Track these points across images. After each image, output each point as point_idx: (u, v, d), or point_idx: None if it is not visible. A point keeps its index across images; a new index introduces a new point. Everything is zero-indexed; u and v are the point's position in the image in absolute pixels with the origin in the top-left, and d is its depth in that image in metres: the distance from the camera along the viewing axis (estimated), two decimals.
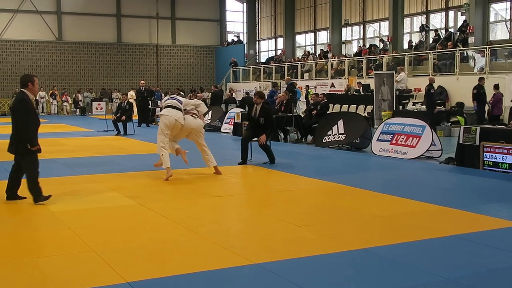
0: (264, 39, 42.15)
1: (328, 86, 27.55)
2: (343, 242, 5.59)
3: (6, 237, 5.83)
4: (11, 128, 7.68)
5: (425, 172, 10.60)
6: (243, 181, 9.63)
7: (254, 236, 5.97)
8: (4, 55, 35.65)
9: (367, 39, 32.67)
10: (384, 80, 21.20)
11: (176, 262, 4.99)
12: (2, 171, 10.43)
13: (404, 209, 7.26)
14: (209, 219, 6.76)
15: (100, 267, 4.84)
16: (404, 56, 24.59)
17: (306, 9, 37.16)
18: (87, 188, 8.75)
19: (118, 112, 19.16)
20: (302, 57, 34.51)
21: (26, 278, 4.59)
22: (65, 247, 5.47)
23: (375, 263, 4.96)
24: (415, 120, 12.82)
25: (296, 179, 9.77)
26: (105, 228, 6.23)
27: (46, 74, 36.25)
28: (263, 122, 11.15)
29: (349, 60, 28.54)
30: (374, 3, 31.92)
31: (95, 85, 37.82)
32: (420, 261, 4.99)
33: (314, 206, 7.60)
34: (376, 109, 21.17)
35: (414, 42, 28.05)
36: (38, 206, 7.31)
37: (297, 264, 4.93)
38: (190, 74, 41.27)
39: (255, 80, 34.84)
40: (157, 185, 9.09)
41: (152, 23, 39.69)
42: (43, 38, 36.60)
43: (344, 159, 12.52)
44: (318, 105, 16.18)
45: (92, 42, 37.92)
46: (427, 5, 28.63)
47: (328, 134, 14.48)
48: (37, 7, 36.00)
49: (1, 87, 35.77)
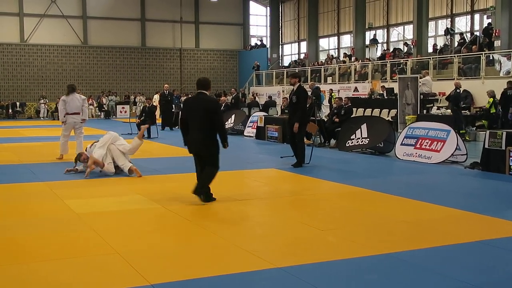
0: (287, 43, 42.15)
1: (352, 90, 27.45)
2: (366, 247, 5.56)
3: (33, 239, 5.92)
4: (196, 128, 7.68)
5: (450, 177, 10.50)
6: (266, 185, 9.63)
7: (277, 240, 5.97)
8: (30, 59, 36.19)
9: (391, 42, 32.47)
10: (408, 84, 21.03)
11: (199, 265, 5.01)
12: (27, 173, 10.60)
13: (428, 214, 7.19)
14: (232, 223, 6.78)
15: (124, 269, 4.89)
16: (429, 60, 24.38)
17: (329, 12, 37.08)
18: (111, 190, 8.84)
19: (142, 115, 19.30)
20: (326, 60, 34.42)
21: (52, 279, 4.66)
22: (90, 249, 5.54)
23: (398, 268, 4.93)
24: (440, 124, 12.71)
25: (319, 183, 9.75)
26: (129, 231, 6.28)
27: (71, 78, 36.69)
28: (295, 101, 11.18)
29: (373, 63, 28.40)
30: (398, 7, 31.73)
31: (119, 88, 38.19)
32: (444, 266, 4.95)
33: (337, 210, 7.57)
34: (400, 113, 21.01)
35: (438, 45, 27.80)
36: (63, 209, 7.41)
37: (320, 268, 4.92)
38: (213, 78, 41.35)
39: (278, 83, 34.83)
40: (181, 188, 9.13)
41: (176, 27, 39.96)
42: (69, 42, 37.08)
43: (368, 163, 12.46)
44: (341, 109, 16.12)
45: (116, 46, 38.31)
46: (452, 8, 28.37)
47: (351, 138, 14.42)
48: (63, 11, 36.50)
49: (28, 90, 36.30)
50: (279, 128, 17.03)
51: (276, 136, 17.15)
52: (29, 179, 9.95)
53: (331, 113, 17.29)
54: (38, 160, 12.43)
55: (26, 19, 35.78)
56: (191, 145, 7.81)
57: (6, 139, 18.53)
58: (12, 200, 8.10)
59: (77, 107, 12.61)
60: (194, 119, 7.73)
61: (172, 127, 23.41)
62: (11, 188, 9.10)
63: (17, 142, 17.31)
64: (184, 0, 39.85)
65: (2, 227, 6.43)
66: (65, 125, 12.61)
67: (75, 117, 12.61)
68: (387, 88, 23.76)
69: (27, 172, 10.78)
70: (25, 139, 18.59)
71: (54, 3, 36.29)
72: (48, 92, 35.60)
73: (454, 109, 17.39)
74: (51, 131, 21.43)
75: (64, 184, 9.37)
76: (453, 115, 17.19)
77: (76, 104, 12.61)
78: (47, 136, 19.49)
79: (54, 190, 8.70)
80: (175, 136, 20.05)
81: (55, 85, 36.10)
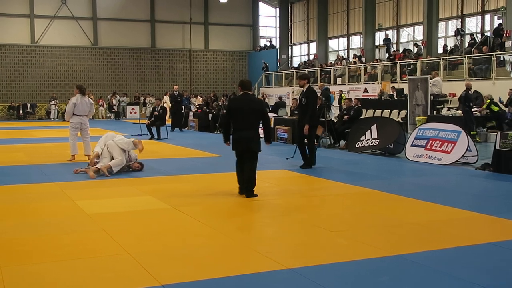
0: (297, 43, 42.14)
1: (361, 91, 27.39)
2: (377, 248, 5.55)
3: (44, 239, 5.95)
4: (247, 126, 8.19)
5: (461, 178, 10.45)
6: (276, 186, 9.63)
7: (288, 241, 5.96)
8: (41, 60, 36.39)
9: (401, 43, 32.38)
10: (418, 85, 20.97)
11: (210, 266, 5.02)
12: (38, 174, 10.66)
13: (439, 215, 7.17)
14: (242, 224, 6.78)
15: (135, 269, 4.90)
16: (439, 61, 24.29)
17: (339, 13, 37.04)
18: (121, 191, 8.88)
19: (152, 116, 19.37)
20: (335, 61, 34.38)
21: (61, 280, 4.68)
22: (101, 250, 5.56)
23: (409, 270, 4.92)
24: (450, 125, 12.66)
25: (329, 184, 9.74)
26: (139, 231, 6.30)
27: (81, 79, 36.85)
28: (304, 102, 11.18)
29: (383, 64, 28.33)
30: (408, 7, 31.64)
31: (129, 89, 38.32)
32: (455, 268, 4.93)
33: (347, 211, 7.56)
34: (410, 114, 20.95)
35: (449, 46, 27.69)
36: (74, 209, 7.45)
37: (330, 269, 4.91)
38: (222, 79, 41.49)
39: (287, 85, 34.83)
40: (191, 189, 9.16)
41: (185, 29, 40.06)
42: (79, 44, 37.27)
43: (378, 165, 12.43)
44: (351, 110, 16.09)
45: (126, 47, 38.46)
46: (462, 9, 28.26)
47: (361, 139, 14.39)
48: (73, 13, 36.68)
49: (38, 92, 36.50)
50: (288, 129, 17.03)
51: (285, 137, 17.14)
52: (40, 179, 10.01)
53: (340, 114, 17.27)
54: (49, 161, 12.50)
55: (37, 21, 35.99)
56: (241, 142, 8.24)
57: (17, 140, 18.64)
58: (23, 200, 8.15)
59: (84, 111, 12.75)
60: (245, 118, 8.20)
61: (181, 128, 23.48)
62: (23, 188, 9.16)
63: (28, 143, 17.41)
64: (193, 2, 39.94)
65: (14, 227, 6.47)
66: (71, 126, 12.68)
67: (82, 118, 12.73)
68: (397, 89, 23.71)
69: (38, 172, 10.84)
70: (36, 140, 18.69)
71: (64, 5, 36.48)
72: (59, 93, 35.80)
73: (465, 110, 17.31)
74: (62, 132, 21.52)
75: (75, 185, 9.42)
76: (464, 116, 17.12)
77: (85, 108, 12.74)
78: (58, 137, 19.59)
79: (65, 191, 8.74)
80: (185, 137, 20.12)
81: (66, 86, 36.27)
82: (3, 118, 34.47)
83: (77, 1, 36.85)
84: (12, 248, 5.62)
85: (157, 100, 21.27)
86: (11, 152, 14.45)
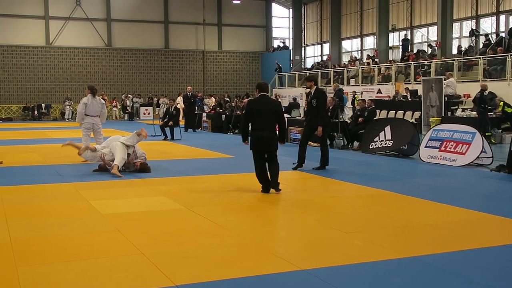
0: (310, 44, 42.09)
1: (375, 91, 27.30)
2: (391, 250, 5.53)
3: (58, 239, 6.00)
4: (266, 127, 8.58)
5: (475, 179, 10.38)
6: (290, 187, 9.63)
7: (301, 242, 5.96)
8: (56, 61, 36.67)
9: (415, 44, 32.22)
10: (433, 85, 20.86)
11: (224, 266, 5.03)
12: (53, 174, 10.74)
13: (453, 217, 7.13)
14: (255, 224, 6.79)
15: (149, 270, 4.93)
16: (453, 62, 24.15)
17: (352, 14, 36.95)
18: (135, 191, 8.92)
19: (165, 117, 19.44)
20: (348, 62, 34.30)
21: (76, 280, 4.71)
22: (115, 250, 5.59)
23: (423, 272, 4.89)
24: (465, 126, 12.58)
25: (342, 185, 9.72)
26: (154, 232, 6.33)
27: (95, 80, 37.10)
28: (315, 104, 11.13)
29: (397, 65, 28.22)
30: (422, 8, 31.49)
31: (143, 90, 38.51)
32: (468, 270, 4.91)
33: (361, 213, 7.54)
34: (424, 115, 20.84)
35: (463, 47, 27.52)
36: (89, 210, 7.50)
37: (344, 271, 4.91)
38: (235, 80, 41.55)
39: (300, 85, 34.77)
40: (204, 190, 9.18)
41: (198, 30, 40.17)
42: (93, 45, 37.51)
43: (391, 166, 12.38)
44: (365, 111, 16.04)
45: (140, 49, 38.64)
46: (477, 9, 28.08)
47: (375, 140, 14.35)
48: (88, 14, 36.93)
49: (53, 92, 36.79)
50: (301, 130, 16.98)
51: (298, 138, 17.10)
52: (54, 180, 10.08)
53: (354, 115, 17.22)
54: (64, 161, 12.59)
55: (52, 22, 36.28)
56: (261, 142, 8.58)
57: (32, 140, 18.80)
58: (38, 200, 8.22)
59: (96, 111, 12.85)
60: (263, 119, 8.57)
61: (195, 128, 23.53)
62: (38, 188, 9.23)
63: (42, 144, 17.54)
64: (207, 3, 40.05)
65: (29, 227, 6.53)
66: (84, 126, 12.80)
67: (94, 119, 12.83)
68: (411, 90, 23.59)
69: (52, 173, 10.92)
70: (51, 141, 18.82)
71: (79, 6, 36.73)
72: (73, 94, 36.04)
73: (479, 111, 17.19)
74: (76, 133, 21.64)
75: (89, 185, 9.48)
76: (479, 117, 17.01)
77: (96, 108, 12.85)
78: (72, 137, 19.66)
79: (80, 191, 8.80)
80: (198, 137, 20.17)
81: (80, 87, 36.50)
82: (18, 119, 34.77)
83: (91, 3, 37.10)
84: (27, 248, 5.67)
85: (171, 101, 21.34)
86: (26, 153, 14.57)
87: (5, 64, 35.68)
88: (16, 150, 14.40)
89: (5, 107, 35.20)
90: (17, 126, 28.05)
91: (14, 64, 35.86)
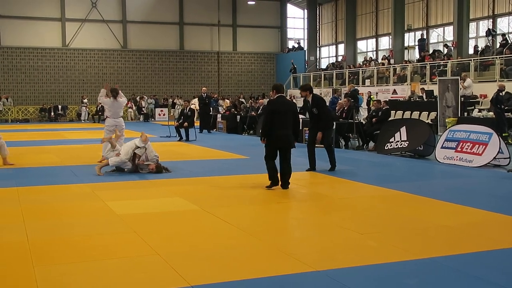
0: (325, 45, 41.99)
1: (390, 92, 27.18)
2: (406, 251, 5.51)
3: (75, 240, 6.04)
4: (286, 126, 9.16)
5: (492, 180, 10.30)
6: (305, 188, 9.62)
7: (317, 243, 5.95)
8: (72, 63, 36.95)
9: (431, 44, 32.01)
10: (449, 86, 20.72)
11: (239, 267, 5.04)
12: (69, 175, 10.83)
13: (470, 218, 7.08)
14: (271, 225, 6.79)
15: (164, 270, 4.95)
16: (470, 62, 23.97)
17: (367, 14, 36.80)
18: (151, 192, 8.96)
19: (181, 118, 19.50)
20: (363, 63, 34.17)
21: (92, 280, 4.74)
22: (131, 250, 5.62)
23: (439, 273, 4.87)
24: (482, 127, 12.47)
25: (358, 186, 9.69)
26: (169, 232, 6.35)
27: (111, 81, 37.24)
28: (316, 112, 11.10)
29: (412, 65, 28.07)
30: (438, 8, 31.28)
31: (158, 91, 38.67)
32: (485, 272, 4.87)
33: (377, 214, 7.51)
34: (440, 116, 20.71)
35: (480, 47, 27.29)
36: (105, 210, 7.55)
37: (359, 272, 4.89)
38: (250, 81, 41.58)
39: (315, 86, 34.71)
40: (219, 190, 9.20)
41: (213, 31, 40.26)
42: (109, 46, 37.75)
43: (407, 167, 12.32)
44: (379, 112, 15.97)
45: (155, 50, 38.81)
46: (493, 9, 27.83)
47: (390, 141, 14.28)
48: (103, 16, 37.17)
49: (69, 94, 37.06)
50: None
51: None
52: (71, 181, 10.16)
53: (369, 116, 17.16)
54: (80, 162, 12.67)
55: (68, 24, 36.55)
56: (281, 140, 9.15)
57: (48, 141, 18.95)
58: (55, 201, 8.28)
59: (118, 114, 12.99)
60: (284, 118, 9.14)
61: (209, 129, 23.58)
62: (54, 189, 9.30)
63: (59, 145, 17.68)
64: (222, 4, 40.13)
65: (45, 227, 6.58)
66: (107, 128, 12.88)
67: (116, 121, 12.93)
68: (426, 90, 23.46)
69: (69, 174, 11.01)
70: (67, 142, 18.98)
71: (95, 8, 36.99)
72: (89, 95, 36.26)
73: (496, 112, 17.05)
74: (92, 134, 21.84)
75: (105, 186, 9.53)
76: (496, 117, 16.86)
77: (118, 110, 12.99)
78: (88, 138, 19.86)
79: (96, 192, 8.86)
80: (213, 138, 20.22)
81: (96, 89, 36.67)
82: (35, 120, 35.07)
83: (107, 4, 37.34)
84: (44, 248, 5.72)
85: (186, 102, 21.40)
86: (42, 154, 14.70)
87: (22, 66, 36.02)
88: (33, 151, 14.52)
89: (22, 109, 35.52)
90: (34, 128, 28.30)
91: (31, 66, 36.20)
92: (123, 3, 37.74)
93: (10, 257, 5.39)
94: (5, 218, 7.16)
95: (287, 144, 9.17)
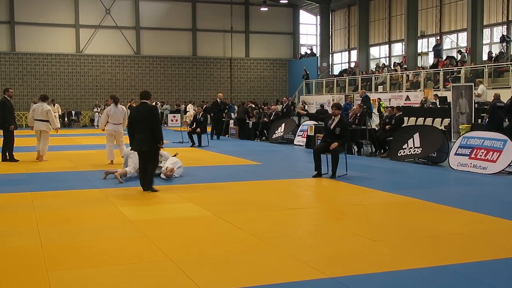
0: (338, 51, 41.97)
1: (403, 98, 27.08)
2: (420, 258, 5.47)
3: (88, 245, 6.07)
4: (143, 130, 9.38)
5: (506, 187, 10.21)
6: (317, 194, 9.60)
7: (329, 250, 5.93)
8: (86, 69, 37.23)
9: (444, 50, 31.87)
10: (462, 92, 20.59)
11: (251, 273, 5.04)
12: (83, 180, 10.88)
13: (483, 225, 7.02)
14: (283, 232, 6.77)
15: (177, 276, 4.95)
16: (484, 68, 23.83)
17: (380, 20, 36.75)
18: (164, 198, 8.98)
19: (193, 124, 19.54)
20: (376, 69, 34.08)
21: (105, 285, 4.76)
22: (143, 256, 5.63)
23: (452, 281, 4.83)
24: (496, 134, 12.39)
25: (370, 192, 9.65)
26: (181, 238, 6.36)
27: (124, 87, 37.56)
28: (338, 133, 11.10)
29: (425, 72, 27.96)
30: (452, 14, 31.17)
31: (170, 97, 38.83)
32: (499, 280, 4.82)
33: (389, 220, 7.47)
34: (454, 122, 20.58)
35: (494, 53, 27.14)
36: (118, 216, 7.58)
37: (372, 279, 4.87)
38: (263, 87, 41.64)
39: (328, 92, 34.69)
40: (232, 196, 9.20)
41: (226, 37, 40.39)
42: (122, 53, 38.00)
43: (420, 173, 12.25)
44: (392, 118, 15.90)
45: (168, 56, 39.01)
46: (508, 15, 27.67)
47: (403, 148, 14.21)
48: (117, 22, 37.44)
49: (83, 99, 37.32)
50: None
51: None
52: (84, 186, 10.21)
53: (382, 122, 17.09)
54: (93, 168, 12.74)
55: (82, 30, 36.87)
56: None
57: (62, 147, 19.06)
58: (68, 206, 8.32)
59: (118, 119, 13.66)
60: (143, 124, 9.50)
61: (219, 135, 23.50)
62: (68, 194, 9.35)
63: (73, 150, 17.79)
64: (234, 10, 40.27)
65: (58, 233, 6.62)
66: (107, 133, 13.73)
67: (115, 126, 13.66)
68: (440, 96, 23.33)
69: (83, 179, 11.06)
70: (80, 147, 19.09)
71: (108, 14, 37.28)
72: (102, 101, 36.48)
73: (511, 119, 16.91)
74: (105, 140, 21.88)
75: (118, 191, 9.57)
76: (510, 124, 16.73)
77: (118, 116, 13.67)
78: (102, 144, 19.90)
79: (109, 197, 8.89)
80: (226, 144, 20.24)
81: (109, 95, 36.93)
82: None
83: (120, 11, 37.62)
84: (57, 253, 5.75)
85: (198, 108, 21.45)
86: (56, 159, 14.78)
87: (36, 72, 36.34)
88: (47, 157, 14.59)
89: None
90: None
91: (45, 71, 36.51)
92: (136, 9, 38.00)
93: (24, 262, 5.43)
94: (20, 223, 7.21)
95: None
